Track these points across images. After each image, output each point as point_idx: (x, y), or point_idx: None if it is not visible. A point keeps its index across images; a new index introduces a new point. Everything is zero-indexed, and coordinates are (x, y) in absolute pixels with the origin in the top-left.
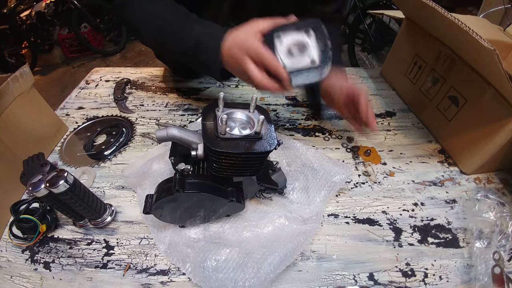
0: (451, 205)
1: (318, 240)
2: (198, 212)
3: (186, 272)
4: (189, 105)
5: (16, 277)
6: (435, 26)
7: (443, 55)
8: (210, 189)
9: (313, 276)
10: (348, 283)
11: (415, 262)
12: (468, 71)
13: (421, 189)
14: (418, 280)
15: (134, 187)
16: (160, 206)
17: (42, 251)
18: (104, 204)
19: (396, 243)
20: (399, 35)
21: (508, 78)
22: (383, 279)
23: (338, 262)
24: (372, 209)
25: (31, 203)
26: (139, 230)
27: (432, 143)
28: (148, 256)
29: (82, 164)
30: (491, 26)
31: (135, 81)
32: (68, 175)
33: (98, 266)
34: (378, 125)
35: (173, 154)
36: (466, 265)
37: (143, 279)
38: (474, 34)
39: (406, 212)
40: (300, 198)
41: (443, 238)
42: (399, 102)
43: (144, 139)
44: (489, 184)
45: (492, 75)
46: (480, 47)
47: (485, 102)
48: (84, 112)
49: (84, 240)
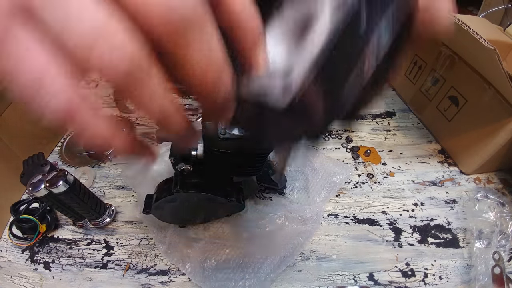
0: (451, 205)
1: (318, 240)
2: (198, 212)
3: (186, 272)
4: (189, 105)
5: (16, 277)
6: None
7: (443, 55)
8: (210, 189)
9: (313, 276)
10: (348, 283)
11: (415, 262)
12: (468, 71)
13: (421, 189)
14: (418, 280)
15: (134, 187)
16: (160, 206)
17: (42, 251)
18: (104, 204)
19: (396, 243)
20: None
21: (508, 78)
22: (383, 279)
23: (338, 262)
24: (372, 209)
25: (31, 203)
26: (139, 230)
27: (432, 143)
28: (148, 256)
29: (82, 164)
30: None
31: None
32: (68, 175)
33: (98, 266)
34: (378, 125)
35: (173, 154)
36: (466, 265)
37: (143, 279)
38: (475, 34)
39: (406, 212)
40: (300, 198)
41: (443, 238)
42: (399, 102)
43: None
44: (489, 184)
45: (492, 75)
46: (480, 47)
47: (485, 102)
48: None
49: (84, 240)
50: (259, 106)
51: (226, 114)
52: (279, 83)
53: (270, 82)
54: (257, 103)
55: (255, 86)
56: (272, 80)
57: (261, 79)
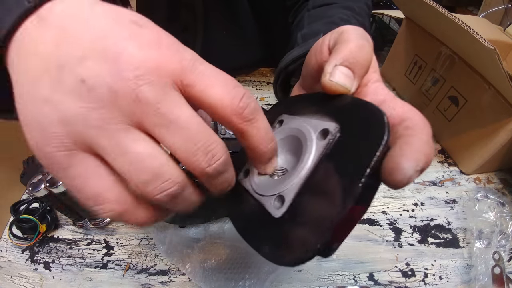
0: (451, 205)
1: None
2: (198, 212)
3: (186, 272)
4: None
5: (16, 277)
6: (435, 26)
7: (443, 55)
8: None
9: (313, 276)
10: (348, 283)
11: (415, 262)
12: (468, 71)
13: (421, 189)
14: (418, 280)
15: None
16: None
17: (42, 251)
18: None
19: (396, 243)
20: (399, 35)
21: (508, 78)
22: (383, 279)
23: (338, 262)
24: (372, 209)
25: (31, 203)
26: (139, 230)
27: None
28: (148, 256)
29: None
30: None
31: None
32: None
33: (98, 266)
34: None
35: None
36: (466, 265)
37: (143, 279)
38: (475, 34)
39: (406, 212)
40: None
41: (443, 238)
42: None
43: None
44: (489, 184)
45: (492, 75)
46: (480, 46)
47: (485, 102)
48: None
49: (84, 240)
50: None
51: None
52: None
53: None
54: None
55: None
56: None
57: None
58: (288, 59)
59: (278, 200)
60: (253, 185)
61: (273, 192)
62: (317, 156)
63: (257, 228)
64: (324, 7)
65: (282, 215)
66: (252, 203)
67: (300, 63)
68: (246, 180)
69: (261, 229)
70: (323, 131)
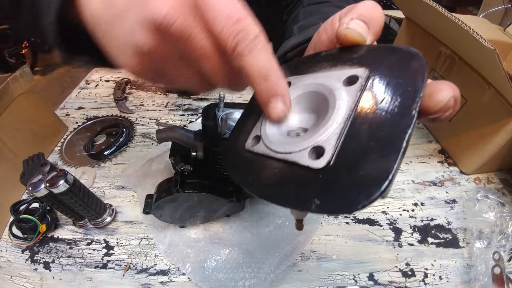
0: (451, 205)
1: (318, 240)
2: (198, 212)
3: (186, 272)
4: (189, 105)
5: (16, 277)
6: (435, 26)
7: (443, 55)
8: (210, 189)
9: (313, 276)
10: (348, 283)
11: (415, 262)
12: (468, 71)
13: (421, 189)
14: (418, 280)
15: (134, 187)
16: (160, 206)
17: (42, 251)
18: (104, 204)
19: (396, 243)
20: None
21: (508, 78)
22: (383, 279)
23: (338, 262)
24: (372, 209)
25: (31, 203)
26: (139, 230)
27: (432, 143)
28: (148, 256)
29: (82, 164)
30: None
31: (135, 81)
32: (68, 175)
33: (98, 266)
34: None
35: (173, 154)
36: (466, 265)
37: (143, 279)
38: (475, 34)
39: (406, 212)
40: None
41: (443, 238)
42: None
43: (144, 139)
44: (489, 184)
45: (492, 75)
46: (480, 46)
47: (485, 102)
48: (84, 112)
49: (84, 240)
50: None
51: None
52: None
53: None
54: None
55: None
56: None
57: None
58: (287, 46)
59: (313, 151)
60: (271, 146)
61: (304, 146)
62: (351, 100)
63: (295, 186)
64: (319, 4)
65: (326, 164)
66: (275, 165)
67: (299, 50)
68: (258, 145)
69: (301, 186)
70: (350, 78)
